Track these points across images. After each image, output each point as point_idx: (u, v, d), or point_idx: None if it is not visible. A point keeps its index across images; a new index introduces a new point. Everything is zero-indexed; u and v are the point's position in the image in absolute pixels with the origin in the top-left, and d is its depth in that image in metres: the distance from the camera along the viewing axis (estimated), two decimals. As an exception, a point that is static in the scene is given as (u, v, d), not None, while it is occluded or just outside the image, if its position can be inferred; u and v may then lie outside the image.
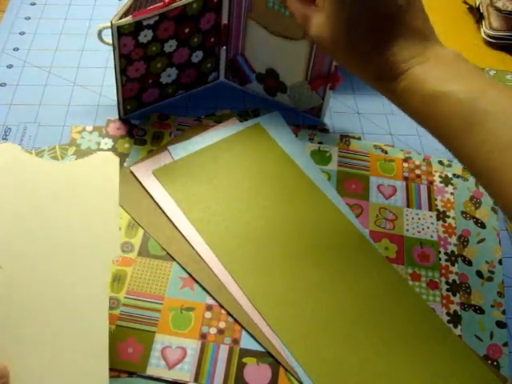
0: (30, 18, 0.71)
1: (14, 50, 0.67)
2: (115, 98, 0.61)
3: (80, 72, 0.65)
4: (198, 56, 0.60)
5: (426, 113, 0.39)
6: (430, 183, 0.57)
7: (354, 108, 0.64)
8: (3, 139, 0.56)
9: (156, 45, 0.55)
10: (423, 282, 0.49)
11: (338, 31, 0.41)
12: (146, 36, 0.53)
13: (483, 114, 0.36)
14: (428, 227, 0.53)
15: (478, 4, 0.77)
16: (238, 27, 0.59)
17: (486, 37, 0.74)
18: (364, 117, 0.64)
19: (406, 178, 0.57)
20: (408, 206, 0.55)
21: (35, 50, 0.67)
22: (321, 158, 0.58)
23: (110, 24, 0.51)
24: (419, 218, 0.54)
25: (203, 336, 0.45)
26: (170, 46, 0.56)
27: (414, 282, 0.49)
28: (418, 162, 0.58)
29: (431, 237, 0.53)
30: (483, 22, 0.75)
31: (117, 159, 0.44)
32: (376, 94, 0.66)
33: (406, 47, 0.41)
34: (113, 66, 0.53)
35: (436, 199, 0.55)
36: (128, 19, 0.51)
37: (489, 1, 0.75)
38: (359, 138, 0.61)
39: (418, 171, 0.58)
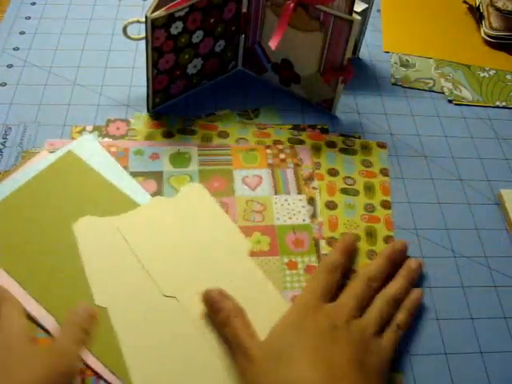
0: (29, 18, 0.71)
1: (14, 49, 0.67)
2: (115, 98, 0.62)
3: (80, 72, 0.65)
4: (220, 45, 0.61)
5: None
6: (297, 165, 0.56)
7: (354, 108, 0.64)
8: (3, 139, 0.56)
9: (185, 36, 0.56)
10: (300, 269, 0.48)
11: None
12: (177, 28, 0.54)
13: None
14: (299, 211, 0.52)
15: (477, 4, 0.77)
16: (257, 16, 0.60)
17: (486, 37, 0.74)
18: (364, 117, 0.64)
19: (270, 165, 0.56)
20: (276, 194, 0.54)
21: (35, 50, 0.67)
22: (180, 160, 0.56)
23: (136, 19, 0.54)
24: (289, 204, 0.53)
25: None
26: (197, 36, 0.57)
27: (291, 271, 0.48)
28: (281, 147, 0.58)
29: (303, 220, 0.52)
30: (483, 22, 0.75)
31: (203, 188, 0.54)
32: (376, 94, 0.66)
33: None
34: (113, 65, 0.53)
35: (305, 182, 0.55)
36: (161, 12, 0.52)
37: (489, 1, 0.75)
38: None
39: (282, 155, 0.57)
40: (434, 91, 0.68)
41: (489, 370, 0.45)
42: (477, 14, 0.77)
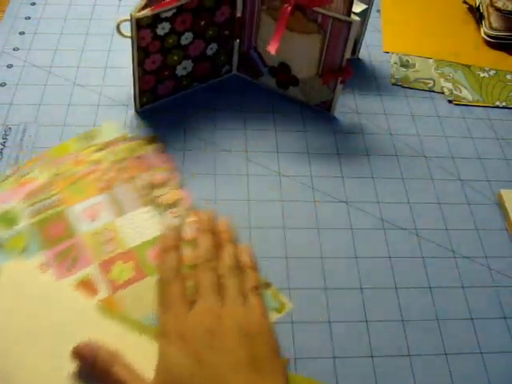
0: (29, 18, 0.71)
1: (14, 49, 0.67)
2: (115, 98, 0.62)
3: (80, 72, 0.65)
4: (212, 48, 0.61)
5: None
6: (131, 178, 0.53)
7: (354, 108, 0.64)
8: (3, 139, 0.56)
9: (173, 37, 0.56)
10: None
11: None
12: (163, 28, 0.55)
13: None
14: (148, 223, 0.50)
15: (477, 4, 0.77)
16: (252, 21, 0.60)
17: (485, 37, 0.74)
18: (364, 117, 0.64)
19: (102, 189, 0.52)
20: (119, 216, 0.50)
21: (35, 50, 0.67)
22: (5, 221, 0.49)
23: (129, 17, 0.53)
24: (135, 221, 0.50)
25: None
26: (186, 38, 0.57)
27: None
28: (104, 166, 0.54)
29: (158, 231, 0.49)
30: (483, 22, 0.75)
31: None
32: (376, 93, 0.66)
33: None
34: (112, 65, 0.53)
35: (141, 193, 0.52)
36: (146, 12, 0.52)
37: (489, 1, 0.75)
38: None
39: (111, 174, 0.53)
40: (433, 91, 0.68)
41: (489, 370, 0.45)
42: (477, 14, 0.77)
